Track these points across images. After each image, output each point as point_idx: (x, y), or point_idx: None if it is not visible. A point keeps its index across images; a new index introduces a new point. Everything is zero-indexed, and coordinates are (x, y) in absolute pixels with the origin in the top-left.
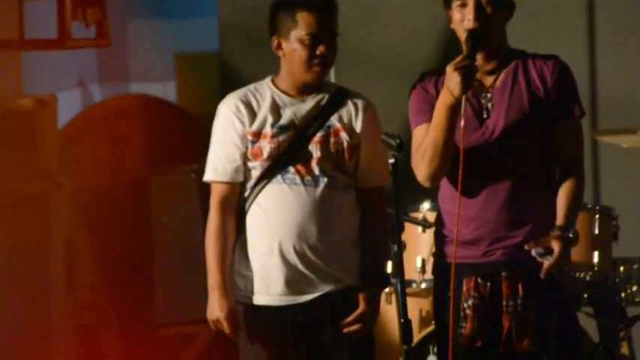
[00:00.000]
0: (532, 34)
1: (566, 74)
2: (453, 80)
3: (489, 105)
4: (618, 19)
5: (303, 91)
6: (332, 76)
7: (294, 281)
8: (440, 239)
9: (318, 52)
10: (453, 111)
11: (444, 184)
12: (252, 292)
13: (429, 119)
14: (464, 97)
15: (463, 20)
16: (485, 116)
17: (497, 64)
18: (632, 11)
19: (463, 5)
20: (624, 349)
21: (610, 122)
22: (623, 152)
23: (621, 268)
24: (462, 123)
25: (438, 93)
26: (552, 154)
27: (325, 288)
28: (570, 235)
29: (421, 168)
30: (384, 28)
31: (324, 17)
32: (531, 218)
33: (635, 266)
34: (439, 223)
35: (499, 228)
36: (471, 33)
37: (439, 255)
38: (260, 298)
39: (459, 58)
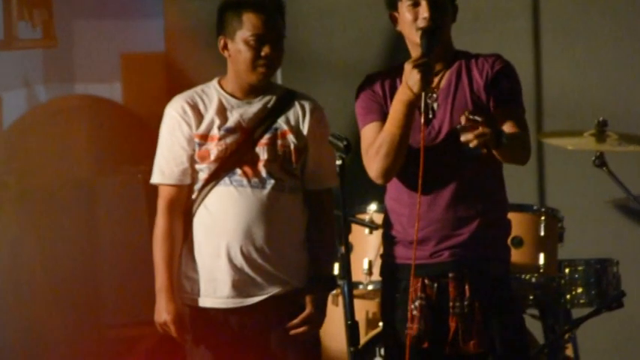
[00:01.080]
0: (477, 36)
1: (507, 68)
2: (412, 77)
3: (435, 105)
4: (563, 21)
5: (250, 92)
6: (278, 78)
7: (240, 284)
8: (388, 240)
9: (263, 54)
10: (411, 107)
11: (390, 183)
12: (198, 295)
13: (378, 118)
14: (423, 94)
15: (415, 19)
16: (430, 116)
17: (443, 65)
18: (576, 14)
19: (416, 4)
20: (569, 351)
21: (555, 124)
22: (568, 154)
23: (567, 270)
24: (422, 119)
25: (385, 93)
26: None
27: (272, 290)
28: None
29: (375, 164)
30: (330, 30)
31: (270, 18)
32: (477, 216)
33: (581, 268)
34: (387, 224)
35: (445, 227)
36: (426, 31)
37: (387, 256)
38: (207, 301)
39: (416, 56)
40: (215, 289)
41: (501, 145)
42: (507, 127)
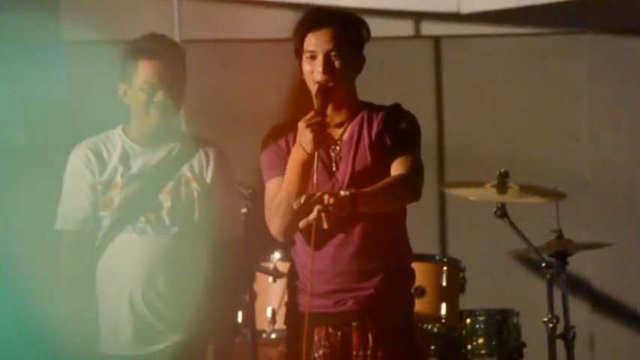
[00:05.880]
0: (381, 87)
1: (405, 114)
2: (305, 137)
3: (338, 158)
4: (464, 74)
5: (154, 139)
6: (182, 125)
7: (142, 331)
8: (292, 289)
9: (155, 99)
10: (306, 167)
11: (297, 237)
12: (100, 341)
13: (282, 173)
14: (316, 154)
15: (312, 72)
16: (334, 169)
17: (346, 117)
18: (475, 69)
19: (312, 57)
20: None
21: (457, 175)
22: (470, 205)
23: (468, 320)
24: (315, 179)
25: (289, 146)
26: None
27: (173, 338)
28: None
29: (275, 222)
30: (237, 77)
31: (165, 65)
32: (381, 269)
33: (482, 318)
34: (292, 274)
35: (349, 280)
36: (321, 88)
37: (292, 304)
38: (108, 347)
39: (310, 115)
40: (117, 336)
41: (361, 207)
42: (395, 168)
